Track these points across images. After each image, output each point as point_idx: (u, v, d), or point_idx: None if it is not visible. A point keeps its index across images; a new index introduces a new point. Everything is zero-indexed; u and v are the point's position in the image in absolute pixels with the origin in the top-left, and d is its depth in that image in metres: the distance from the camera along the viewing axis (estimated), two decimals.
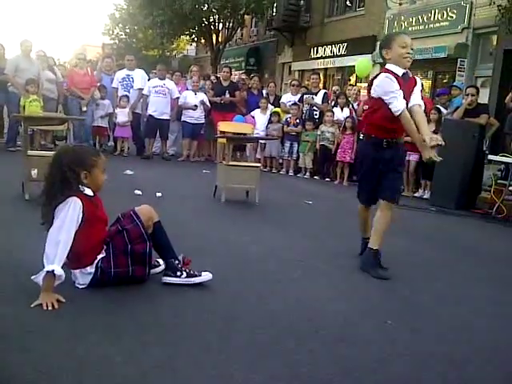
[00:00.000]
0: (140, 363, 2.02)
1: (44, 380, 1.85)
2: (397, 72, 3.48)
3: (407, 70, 3.53)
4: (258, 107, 9.52)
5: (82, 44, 43.29)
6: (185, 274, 2.92)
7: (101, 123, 9.51)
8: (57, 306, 2.43)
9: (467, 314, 2.97)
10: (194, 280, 2.92)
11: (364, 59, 11.21)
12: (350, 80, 17.36)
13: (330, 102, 9.60)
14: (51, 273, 2.45)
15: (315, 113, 9.35)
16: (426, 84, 14.00)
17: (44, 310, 2.39)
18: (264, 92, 10.53)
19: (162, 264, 3.06)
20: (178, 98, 9.51)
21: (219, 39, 22.81)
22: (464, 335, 2.64)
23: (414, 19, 15.03)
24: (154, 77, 9.93)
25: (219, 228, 4.51)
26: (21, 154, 5.13)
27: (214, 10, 20.91)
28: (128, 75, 9.48)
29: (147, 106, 9.46)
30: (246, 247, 3.92)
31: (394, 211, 3.66)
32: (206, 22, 21.71)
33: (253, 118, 9.41)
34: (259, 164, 7.41)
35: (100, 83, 9.55)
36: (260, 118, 9.44)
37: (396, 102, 3.39)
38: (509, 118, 8.03)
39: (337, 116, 9.03)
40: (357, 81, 16.56)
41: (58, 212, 2.58)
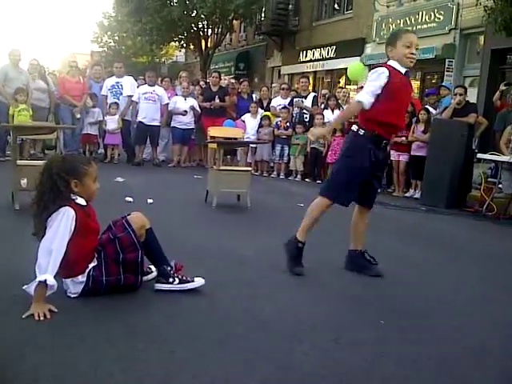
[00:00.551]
0: (134, 371, 2.01)
1: None
2: (399, 69, 3.40)
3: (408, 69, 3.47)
4: (248, 111, 9.54)
5: (70, 52, 43.11)
6: (177, 280, 2.91)
7: (90, 131, 9.47)
8: (49, 316, 2.42)
9: (459, 312, 2.99)
10: (187, 286, 2.91)
11: (356, 63, 11.27)
12: (339, 83, 17.45)
13: (319, 105, 9.64)
14: (43, 283, 2.44)
15: (305, 116, 9.38)
16: (415, 85, 14.07)
17: (36, 320, 2.38)
18: (254, 96, 10.54)
19: (154, 271, 3.05)
20: (168, 103, 9.51)
21: (208, 45, 22.84)
22: (456, 334, 2.66)
23: (401, 21, 15.13)
24: (142, 83, 9.93)
25: (211, 233, 4.51)
26: (10, 164, 5.11)
27: (202, 16, 20.94)
28: (117, 82, 9.48)
29: (137, 113, 9.46)
30: (238, 251, 3.92)
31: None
32: (195, 28, 21.74)
33: (243, 122, 9.43)
34: (250, 168, 7.43)
35: (90, 91, 9.53)
36: (250, 122, 9.46)
37: (360, 93, 3.42)
38: (498, 117, 8.10)
39: (328, 118, 9.04)
40: (346, 83, 16.64)
41: (51, 222, 2.57)
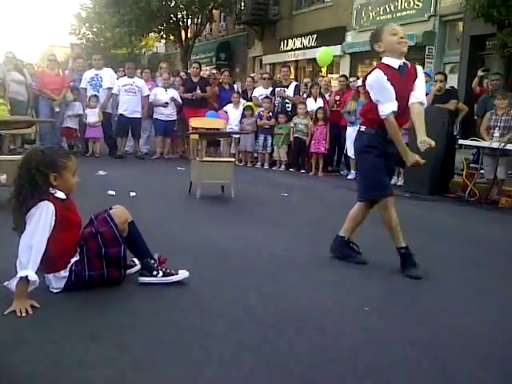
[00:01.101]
0: (118, 365, 2.00)
1: None
2: (392, 65, 3.31)
3: (405, 61, 3.36)
4: (230, 102, 9.49)
5: (48, 45, 42.49)
6: (161, 273, 2.89)
7: (70, 124, 9.34)
8: (31, 312, 2.39)
9: (443, 297, 3.01)
10: (171, 279, 2.90)
11: (325, 49, 11.25)
12: (320, 71, 17.43)
13: (302, 94, 9.62)
14: (25, 278, 2.40)
15: (287, 105, 9.35)
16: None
17: (18, 316, 2.35)
18: (235, 86, 10.48)
19: (137, 264, 3.03)
20: (149, 95, 9.42)
21: (188, 35, 22.64)
22: (440, 320, 2.68)
23: (381, 9, 15.16)
24: (122, 75, 9.81)
25: (195, 225, 4.49)
26: None
27: (181, 6, 20.72)
28: (96, 75, 9.33)
29: (117, 105, 9.36)
30: (223, 243, 3.91)
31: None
32: (174, 19, 21.51)
33: (226, 113, 9.37)
34: (233, 159, 7.39)
35: (73, 84, 9.39)
36: (233, 113, 9.41)
37: (382, 106, 3.25)
38: (479, 102, 8.16)
39: (311, 107, 9.05)
40: (328, 72, 16.63)
41: (30, 217, 2.53)
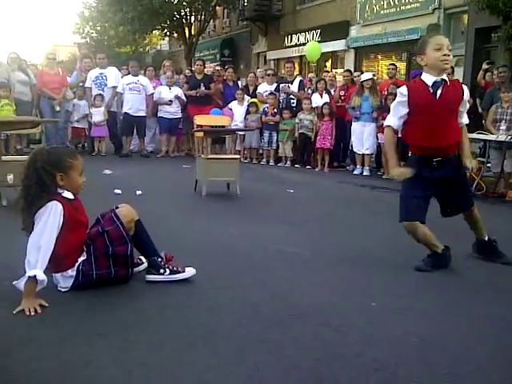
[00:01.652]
0: (125, 362, 2.01)
1: None
2: (427, 81, 3.21)
3: (444, 77, 3.21)
4: (235, 99, 9.48)
5: (52, 44, 42.58)
6: (168, 270, 2.91)
7: (78, 124, 9.41)
8: (40, 311, 2.41)
9: (450, 292, 3.01)
10: (178, 276, 2.91)
11: (313, 44, 11.20)
12: (325, 66, 17.40)
13: (306, 90, 9.61)
14: (33, 278, 2.43)
15: (292, 101, 9.33)
16: (401, 66, 14.08)
17: (27, 315, 2.37)
18: (240, 83, 10.47)
19: (144, 262, 3.05)
20: (153, 94, 9.44)
21: (192, 32, 22.64)
22: (447, 315, 2.67)
23: (385, 2, 15.08)
24: (125, 74, 9.83)
25: (201, 222, 4.50)
26: None
27: (184, 3, 20.73)
28: (101, 74, 9.36)
29: (122, 104, 9.38)
30: (229, 240, 3.92)
31: None
32: (178, 16, 21.52)
33: (230, 110, 9.37)
34: (239, 156, 7.40)
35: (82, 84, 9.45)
36: (238, 110, 9.40)
37: (389, 117, 3.34)
38: (486, 95, 8.08)
39: (316, 102, 9.02)
40: (332, 67, 16.61)
41: (39, 217, 2.55)
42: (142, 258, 3.06)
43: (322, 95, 9.13)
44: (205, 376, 1.95)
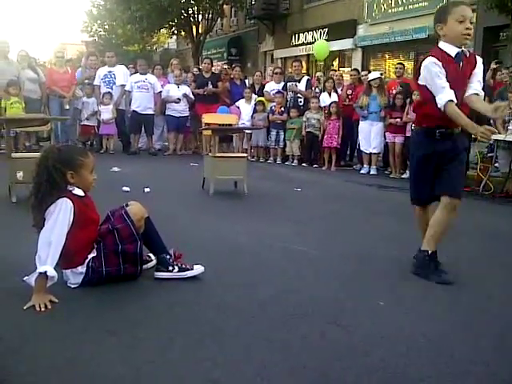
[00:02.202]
0: (133, 359, 2.03)
1: (39, 380, 1.86)
2: (449, 52, 3.01)
3: (464, 48, 3.04)
4: (242, 97, 9.49)
5: (60, 42, 42.75)
6: (177, 268, 2.92)
7: (88, 122, 9.46)
8: (50, 307, 2.43)
9: (457, 292, 3.00)
10: (186, 274, 2.93)
11: (321, 42, 11.21)
12: (332, 65, 17.37)
13: (314, 88, 9.61)
14: (44, 274, 2.45)
15: (299, 100, 9.33)
16: (409, 65, 14.03)
17: (37, 311, 2.39)
18: (247, 82, 10.49)
19: (153, 259, 3.06)
20: (161, 92, 9.47)
21: (199, 31, 22.66)
22: (454, 314, 2.67)
23: (393, 1, 15.05)
24: (132, 72, 9.86)
25: (209, 220, 4.52)
26: (5, 157, 5.09)
27: (192, 2, 20.75)
28: (110, 72, 9.41)
29: (130, 102, 9.41)
30: (237, 238, 3.93)
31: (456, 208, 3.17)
32: (185, 14, 21.55)
33: (238, 108, 9.39)
34: (246, 154, 7.41)
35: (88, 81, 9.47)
36: (245, 108, 9.41)
37: (440, 94, 2.96)
38: (496, 94, 8.03)
39: (324, 101, 9.03)
40: (340, 65, 16.58)
41: (49, 214, 2.57)
42: (150, 255, 3.08)
43: (330, 94, 9.13)
44: (212, 374, 1.96)
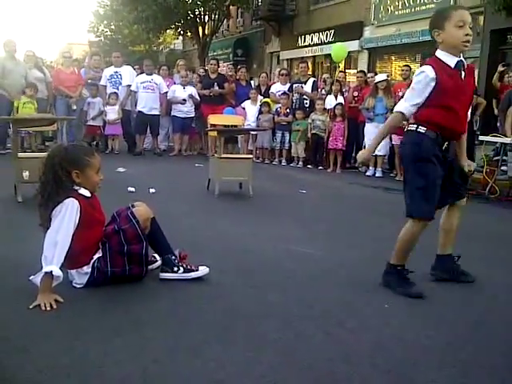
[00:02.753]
0: (140, 359, 2.03)
1: (45, 380, 1.86)
2: (449, 63, 2.82)
3: (461, 58, 2.87)
4: (247, 98, 9.49)
5: (67, 42, 42.94)
6: (182, 269, 2.92)
7: (94, 122, 9.49)
8: (55, 306, 2.44)
9: (463, 295, 3.00)
10: (191, 275, 2.93)
11: (339, 45, 11.23)
12: (338, 67, 17.33)
13: (320, 90, 9.59)
14: (49, 274, 2.46)
15: (305, 101, 9.32)
16: (415, 67, 13.99)
17: (43, 310, 2.40)
18: (253, 83, 10.49)
19: (158, 259, 3.07)
20: (167, 92, 9.48)
21: (205, 31, 22.70)
22: (461, 316, 2.67)
23: (400, 3, 15.02)
24: (138, 73, 9.88)
25: (214, 221, 4.52)
26: (11, 157, 5.11)
27: (198, 3, 20.78)
28: (116, 72, 9.43)
29: (136, 103, 9.43)
30: (242, 239, 3.93)
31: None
32: (192, 15, 21.58)
33: (243, 109, 9.39)
34: (251, 155, 7.41)
35: (92, 81, 9.50)
36: (251, 109, 9.41)
37: (406, 102, 2.84)
38: (504, 96, 7.98)
39: (330, 104, 9.01)
40: (346, 67, 16.54)
41: (56, 213, 2.58)
42: (155, 255, 3.08)
43: (336, 97, 9.12)
44: (218, 375, 1.96)
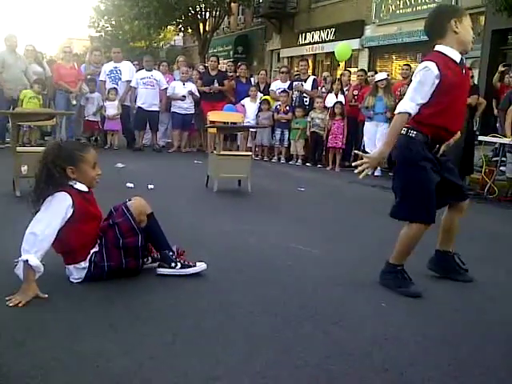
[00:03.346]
0: (137, 355, 2.03)
1: (41, 374, 1.86)
2: (454, 57, 2.78)
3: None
4: (247, 96, 9.48)
5: (67, 37, 42.85)
6: (179, 264, 2.92)
7: (92, 117, 9.48)
8: (21, 305, 2.38)
9: (461, 294, 3.00)
10: (188, 271, 2.92)
11: (344, 44, 11.25)
12: (339, 65, 17.32)
13: (320, 88, 9.59)
14: (27, 264, 2.42)
15: (305, 99, 9.32)
16: (415, 67, 13.96)
17: (40, 306, 2.39)
18: (252, 80, 10.48)
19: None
20: (167, 88, 9.47)
21: (206, 28, 22.66)
22: (458, 315, 2.67)
23: (401, 2, 15.00)
24: (138, 69, 9.87)
25: (213, 218, 4.52)
26: (10, 151, 5.10)
27: None
28: (115, 67, 9.41)
29: (136, 98, 9.42)
30: (241, 236, 3.93)
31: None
32: (193, 12, 21.55)
33: (243, 106, 9.38)
34: (250, 153, 7.40)
35: (91, 76, 9.48)
36: (250, 107, 9.41)
37: (409, 101, 2.74)
38: (505, 96, 7.97)
39: (331, 102, 9.00)
40: (346, 66, 16.52)
41: (44, 204, 2.58)
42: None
43: (337, 96, 9.10)
44: (215, 371, 1.95)
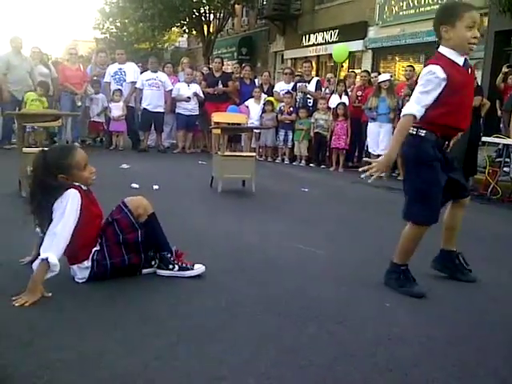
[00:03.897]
0: (141, 355, 2.04)
1: (47, 374, 1.87)
2: (456, 60, 2.75)
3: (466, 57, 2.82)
4: (251, 97, 9.50)
5: (72, 39, 42.92)
6: (177, 267, 2.93)
7: (97, 118, 9.51)
8: (27, 304, 2.40)
9: (465, 294, 3.00)
10: (186, 273, 2.93)
11: (341, 45, 11.27)
12: (342, 67, 17.32)
13: (324, 90, 9.60)
14: (46, 261, 2.45)
15: (309, 101, 9.33)
16: (418, 68, 13.96)
17: (45, 306, 2.40)
18: (256, 81, 10.51)
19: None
20: (171, 90, 9.49)
21: (210, 30, 22.71)
22: (462, 316, 2.67)
23: (404, 3, 14.99)
24: (143, 70, 9.91)
25: (217, 218, 4.53)
26: (17, 152, 5.13)
27: (204, 1, 20.80)
28: (120, 69, 9.45)
29: (141, 100, 9.45)
30: (244, 236, 3.94)
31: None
32: (197, 13, 21.61)
33: (247, 107, 9.40)
34: (254, 153, 7.41)
35: (97, 78, 9.52)
36: (254, 108, 9.42)
37: (415, 104, 2.74)
38: (509, 97, 7.95)
39: (334, 104, 9.01)
40: (349, 67, 16.53)
41: (57, 206, 2.58)
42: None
43: (341, 96, 9.11)
44: (219, 372, 1.96)
